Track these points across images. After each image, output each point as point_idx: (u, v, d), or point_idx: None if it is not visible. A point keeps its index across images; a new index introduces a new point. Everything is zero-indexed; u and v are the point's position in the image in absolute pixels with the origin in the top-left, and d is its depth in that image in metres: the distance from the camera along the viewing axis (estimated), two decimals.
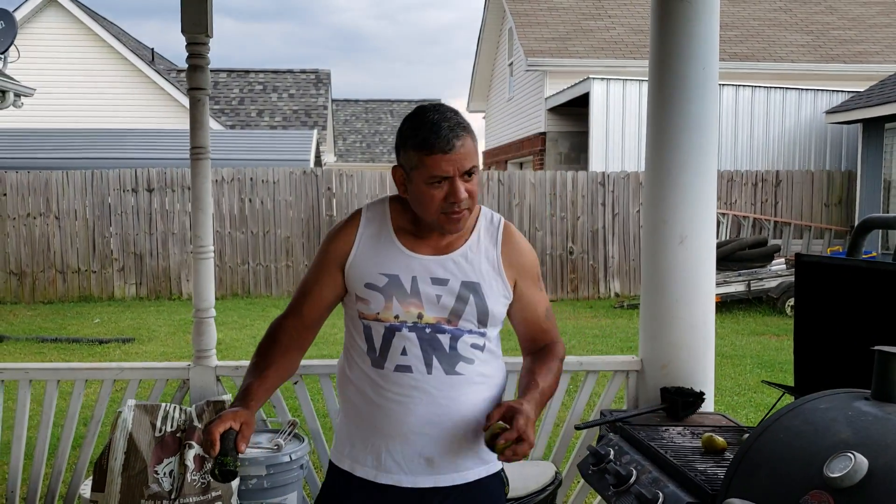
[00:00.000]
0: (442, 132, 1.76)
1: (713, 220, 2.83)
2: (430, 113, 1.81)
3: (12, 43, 10.30)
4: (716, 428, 2.44)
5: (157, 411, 2.62)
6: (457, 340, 1.88)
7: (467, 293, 1.87)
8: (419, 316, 1.86)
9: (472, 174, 1.82)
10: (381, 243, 1.92)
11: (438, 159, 1.77)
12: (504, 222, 2.00)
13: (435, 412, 1.86)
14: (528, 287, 1.98)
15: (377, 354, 1.89)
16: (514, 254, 1.96)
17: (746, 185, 12.62)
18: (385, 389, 1.88)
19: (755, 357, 7.79)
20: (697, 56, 2.71)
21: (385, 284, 1.87)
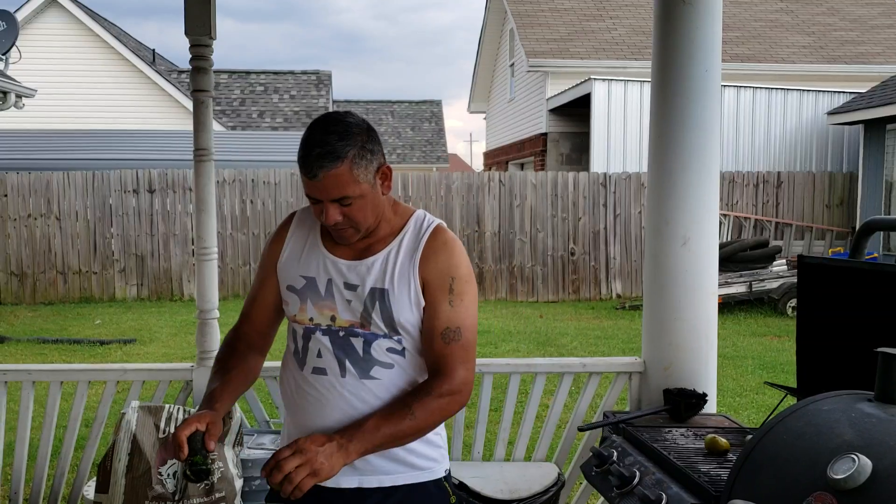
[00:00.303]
0: (309, 159, 1.73)
1: (716, 221, 2.83)
2: (315, 132, 1.76)
3: (14, 44, 10.32)
4: (719, 429, 2.44)
5: (161, 412, 2.63)
6: (370, 345, 1.84)
7: (374, 299, 1.84)
8: (332, 318, 1.86)
9: (346, 203, 1.76)
10: (307, 245, 1.93)
11: (307, 182, 1.76)
12: (435, 229, 1.90)
13: (351, 416, 1.83)
14: (432, 294, 1.84)
15: (299, 356, 1.91)
16: (430, 258, 1.85)
17: (748, 186, 12.62)
18: (305, 391, 1.89)
19: (756, 358, 7.79)
20: (700, 58, 2.72)
21: (302, 287, 1.89)
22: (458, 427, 3.16)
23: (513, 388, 3.15)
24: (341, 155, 1.73)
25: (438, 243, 1.87)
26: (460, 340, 1.84)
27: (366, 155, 1.76)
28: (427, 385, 1.82)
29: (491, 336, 9.03)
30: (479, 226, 12.05)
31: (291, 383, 1.93)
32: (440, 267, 1.85)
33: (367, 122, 1.82)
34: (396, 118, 30.40)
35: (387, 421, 1.74)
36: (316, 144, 1.73)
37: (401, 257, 1.87)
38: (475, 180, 12.16)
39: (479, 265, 12.06)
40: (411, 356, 1.88)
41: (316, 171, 1.72)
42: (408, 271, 1.85)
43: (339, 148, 1.73)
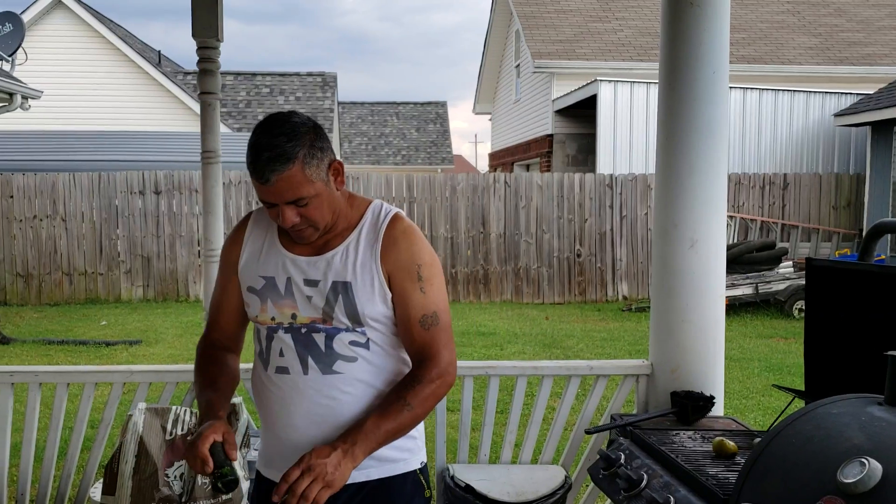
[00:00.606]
0: (259, 163, 1.71)
1: (724, 224, 2.82)
2: (260, 135, 1.74)
3: (20, 45, 10.36)
4: (726, 432, 2.43)
5: (168, 414, 2.63)
6: (332, 339, 1.84)
7: (337, 293, 1.83)
8: (293, 316, 1.85)
9: (302, 203, 1.75)
10: (265, 245, 1.92)
11: (258, 186, 1.74)
12: (393, 217, 1.89)
13: (316, 412, 1.84)
14: (400, 285, 1.84)
15: (264, 356, 1.91)
16: (392, 248, 1.85)
17: (754, 187, 12.59)
18: (270, 391, 1.89)
19: (763, 360, 7.77)
20: (707, 60, 2.71)
21: (262, 287, 1.88)
22: (464, 429, 3.16)
23: (519, 391, 3.14)
24: (292, 156, 1.71)
25: (398, 232, 1.87)
26: (438, 324, 1.86)
27: (316, 153, 1.74)
28: (416, 373, 1.83)
29: (496, 338, 9.02)
30: (485, 227, 12.04)
31: (258, 384, 1.94)
32: (403, 256, 1.85)
33: (312, 119, 1.81)
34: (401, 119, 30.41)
35: (385, 417, 1.74)
36: (264, 148, 1.71)
37: (361, 249, 1.86)
38: (480, 181, 12.15)
39: (485, 266, 12.06)
40: (375, 347, 1.87)
41: (268, 175, 1.70)
42: (370, 263, 1.84)
43: (288, 149, 1.71)
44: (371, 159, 28.28)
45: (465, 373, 3.07)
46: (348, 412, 1.83)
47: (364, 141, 29.31)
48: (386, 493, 1.87)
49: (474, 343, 8.63)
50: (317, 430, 1.84)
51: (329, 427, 1.83)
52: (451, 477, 2.99)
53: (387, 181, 12.14)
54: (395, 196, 12.02)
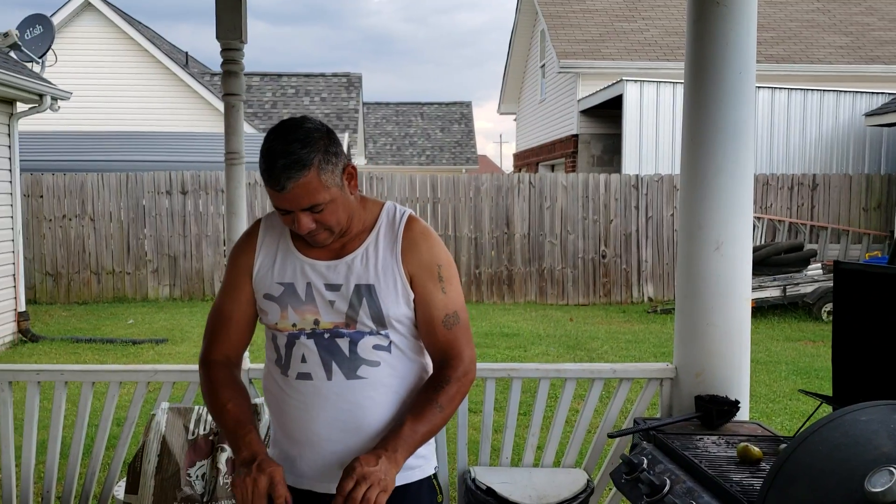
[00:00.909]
0: (274, 171, 1.69)
1: (750, 226, 2.78)
2: (274, 142, 1.72)
3: (50, 47, 10.49)
4: (751, 437, 2.40)
5: (190, 414, 2.64)
6: (356, 344, 1.83)
7: (360, 296, 1.82)
8: (316, 322, 1.84)
9: (318, 209, 1.74)
10: (279, 251, 1.90)
11: (274, 194, 1.73)
12: (409, 217, 1.90)
13: (339, 418, 1.83)
14: (423, 286, 1.86)
15: (282, 363, 1.88)
16: (413, 249, 1.86)
17: (782, 188, 12.44)
18: (290, 397, 1.87)
19: (790, 363, 7.68)
20: (734, 60, 2.67)
21: (281, 294, 1.86)
22: (486, 431, 3.14)
23: (542, 393, 3.12)
24: (307, 163, 1.69)
25: (416, 234, 1.88)
26: (459, 323, 1.88)
27: (331, 159, 1.73)
28: (443, 374, 1.84)
29: (520, 339, 8.99)
30: (509, 227, 12.01)
31: (276, 391, 1.91)
32: (424, 258, 1.86)
33: (325, 124, 1.79)
34: (426, 120, 30.45)
35: (420, 421, 1.75)
36: (279, 155, 1.69)
37: (381, 251, 1.86)
38: (505, 182, 12.13)
39: (509, 267, 12.03)
40: (396, 350, 1.87)
41: (284, 182, 1.68)
42: (391, 264, 1.85)
43: (303, 156, 1.69)
44: (395, 160, 28.35)
45: (486, 375, 3.05)
46: (372, 417, 1.83)
47: (388, 141, 29.38)
48: (404, 499, 1.85)
49: (497, 344, 8.61)
50: (340, 436, 1.83)
51: (352, 433, 1.83)
52: (473, 479, 2.98)
53: (410, 182, 12.15)
54: (419, 197, 12.03)
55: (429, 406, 1.78)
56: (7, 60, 9.05)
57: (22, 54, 10.14)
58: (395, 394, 1.87)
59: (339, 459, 1.84)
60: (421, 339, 1.91)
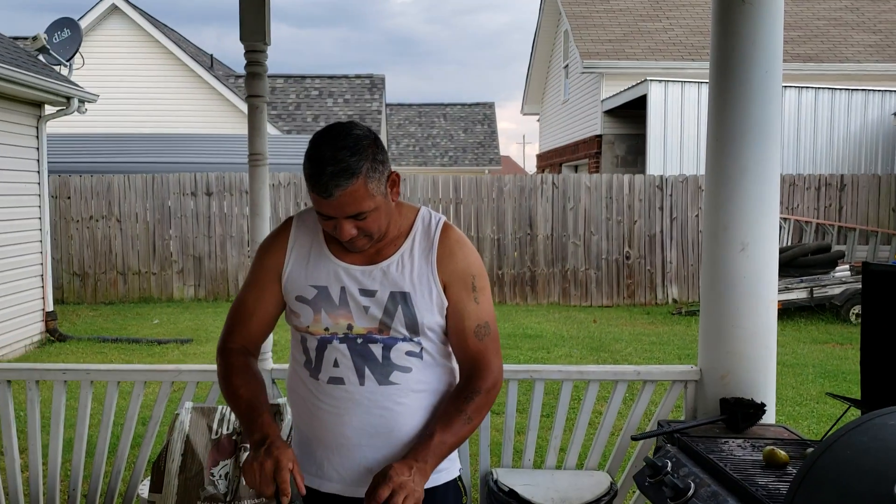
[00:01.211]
0: (323, 178, 1.67)
1: (776, 227, 2.75)
2: (322, 148, 1.70)
3: (77, 50, 10.61)
4: (777, 441, 2.36)
5: (214, 413, 2.66)
6: (390, 350, 1.83)
7: (396, 303, 1.81)
8: (349, 327, 1.83)
9: (362, 217, 1.73)
10: (312, 253, 1.88)
11: (319, 200, 1.70)
12: (444, 225, 1.89)
13: (370, 423, 1.83)
14: (457, 295, 1.86)
15: (312, 366, 1.87)
16: (447, 258, 1.85)
17: (809, 189, 12.29)
18: (321, 401, 1.85)
19: (818, 366, 7.58)
20: (760, 60, 2.64)
21: (314, 297, 1.84)
22: (508, 433, 3.13)
23: (565, 395, 3.10)
24: (356, 171, 1.68)
25: (452, 242, 1.87)
26: (490, 333, 1.89)
27: (378, 167, 1.72)
28: (472, 385, 1.84)
29: (543, 341, 8.96)
30: (532, 228, 11.97)
31: (305, 393, 1.90)
32: (459, 267, 1.86)
33: (372, 131, 1.78)
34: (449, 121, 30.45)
35: (449, 432, 1.76)
36: (328, 162, 1.68)
37: (416, 258, 1.85)
38: (528, 183, 12.09)
39: (532, 268, 11.99)
40: (427, 357, 1.87)
41: (332, 189, 1.67)
42: (427, 272, 1.84)
43: (352, 164, 1.68)
44: (418, 160, 28.38)
45: (509, 376, 3.04)
46: (402, 423, 1.84)
47: (411, 142, 29.42)
48: (432, 502, 1.85)
49: (521, 346, 8.59)
50: (370, 441, 1.84)
51: (383, 438, 1.84)
52: (495, 481, 2.97)
53: (433, 182, 12.15)
54: (442, 197, 12.03)
55: (457, 416, 1.79)
56: (35, 63, 9.18)
57: (50, 57, 10.27)
58: (425, 399, 1.87)
59: (367, 464, 1.84)
60: (450, 347, 1.91)
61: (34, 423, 3.09)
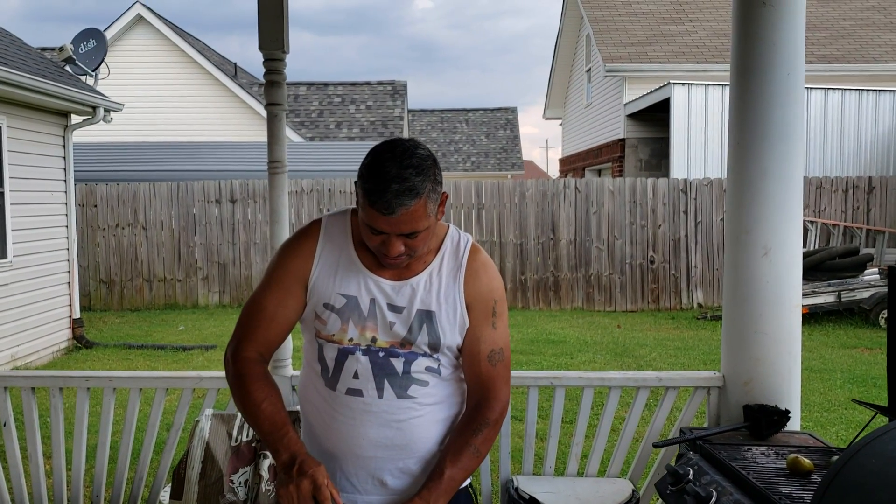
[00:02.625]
0: (387, 195, 1.65)
1: (799, 231, 2.71)
2: (388, 164, 1.68)
3: (103, 60, 10.75)
4: (802, 448, 2.33)
5: (234, 420, 2.66)
6: (410, 364, 1.83)
7: (421, 321, 1.81)
8: (373, 339, 1.81)
9: (413, 236, 1.72)
10: (342, 261, 1.85)
11: (376, 215, 1.68)
12: (472, 246, 1.89)
13: (386, 435, 1.82)
14: (476, 318, 1.86)
15: (329, 375, 1.85)
16: (472, 281, 1.85)
17: (836, 191, 12.14)
18: (336, 412, 1.84)
19: (846, 371, 7.47)
20: (781, 62, 2.61)
21: (343, 306, 1.82)
22: (529, 440, 3.11)
23: (586, 402, 3.08)
24: (420, 191, 1.68)
25: (479, 264, 1.88)
26: (503, 360, 1.89)
27: (437, 188, 1.73)
28: (481, 415, 1.85)
29: (566, 346, 8.91)
30: (555, 233, 11.93)
31: (319, 403, 1.89)
32: (483, 290, 1.86)
33: (431, 151, 1.78)
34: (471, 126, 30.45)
35: (457, 466, 1.78)
36: (393, 180, 1.66)
37: (444, 277, 1.85)
38: (550, 187, 12.05)
39: (555, 273, 11.94)
40: (445, 371, 1.88)
41: (395, 207, 1.66)
42: (453, 293, 1.84)
43: (417, 184, 1.67)
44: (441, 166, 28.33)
45: (530, 383, 3.02)
46: (416, 435, 1.85)
47: (434, 148, 29.43)
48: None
49: (544, 351, 8.55)
50: (385, 453, 1.84)
51: (398, 450, 1.84)
52: (516, 488, 2.95)
53: (455, 187, 12.15)
54: (464, 202, 12.03)
55: (466, 450, 1.80)
56: (62, 74, 9.30)
57: (76, 68, 10.41)
58: (439, 411, 1.88)
59: (381, 475, 1.85)
60: (464, 368, 1.91)
61: (58, 429, 3.12)
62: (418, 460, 1.86)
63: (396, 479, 1.86)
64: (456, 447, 1.81)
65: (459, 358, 1.90)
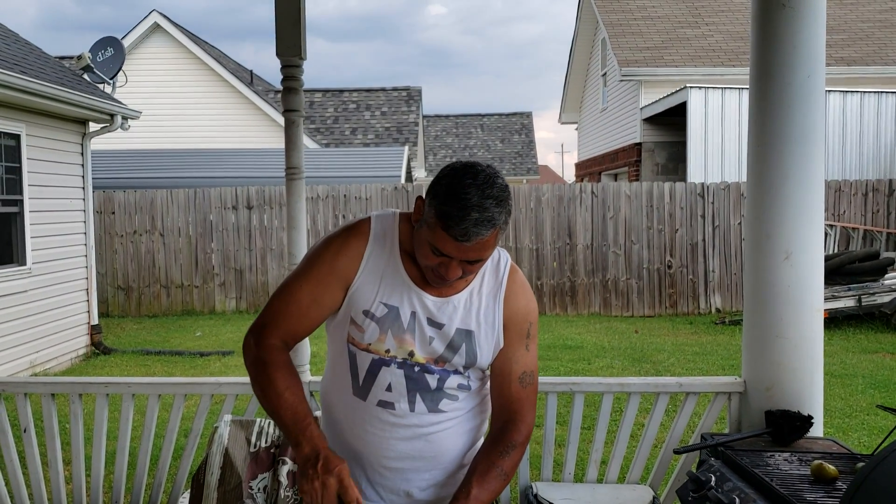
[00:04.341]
0: (465, 223, 1.61)
1: (821, 234, 2.68)
2: (470, 190, 1.62)
3: (120, 68, 10.84)
4: (826, 455, 2.29)
5: (252, 426, 2.66)
6: (444, 381, 1.81)
7: (460, 340, 1.79)
8: (410, 353, 1.78)
9: (476, 262, 1.71)
10: (387, 268, 1.80)
11: (448, 239, 1.64)
12: (511, 266, 1.87)
13: (415, 447, 1.81)
14: (510, 339, 1.84)
15: (360, 384, 1.82)
16: (512, 300, 1.84)
17: (856, 195, 12.02)
18: (365, 421, 1.82)
19: (867, 377, 7.38)
20: (801, 64, 2.58)
21: (384, 315, 1.78)
22: (548, 446, 3.09)
23: (605, 407, 3.05)
24: (497, 223, 1.65)
25: (518, 286, 1.86)
26: (532, 383, 1.87)
27: (508, 219, 1.71)
28: (508, 438, 1.83)
29: (583, 352, 8.87)
30: (571, 238, 11.89)
31: (346, 412, 1.86)
32: (521, 311, 1.85)
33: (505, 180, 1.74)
34: (486, 131, 30.47)
35: (484, 487, 1.75)
36: (473, 208, 1.61)
37: (484, 297, 1.83)
38: (566, 192, 12.02)
39: (571, 278, 11.90)
40: (474, 385, 1.88)
41: (471, 236, 1.63)
42: (493, 313, 1.83)
43: (496, 215, 1.64)
44: None
45: (548, 389, 3.00)
46: (443, 448, 1.84)
47: (449, 153, 29.47)
48: None
49: (560, 357, 8.51)
50: (413, 465, 1.84)
51: (425, 462, 1.84)
52: (535, 495, 2.93)
53: None
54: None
55: (493, 472, 1.77)
56: (80, 82, 9.38)
57: (94, 76, 10.49)
58: (466, 421, 1.88)
59: (407, 487, 1.85)
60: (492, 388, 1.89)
61: (77, 435, 3.13)
62: (443, 471, 1.86)
63: (423, 491, 1.86)
64: (483, 468, 1.78)
65: (486, 370, 1.89)
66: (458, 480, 1.84)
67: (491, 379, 1.88)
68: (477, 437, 1.94)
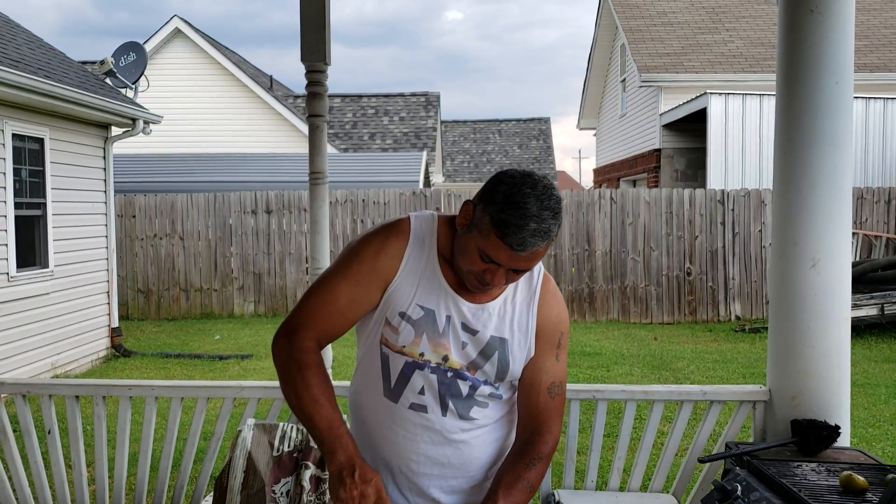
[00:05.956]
0: (523, 233, 1.61)
1: (848, 242, 2.65)
2: (529, 201, 1.62)
3: (142, 73, 10.92)
4: (854, 465, 2.27)
5: (275, 430, 2.66)
6: (476, 389, 1.81)
7: (493, 348, 1.79)
8: (444, 358, 1.77)
9: (523, 272, 1.71)
10: (425, 270, 1.78)
11: (502, 248, 1.63)
12: (544, 274, 1.86)
13: (444, 453, 1.81)
14: (540, 348, 1.83)
15: (391, 386, 1.81)
16: (545, 309, 1.83)
17: (879, 202, 11.91)
18: (396, 424, 1.81)
19: (891, 386, 7.30)
20: (829, 70, 2.56)
21: (420, 318, 1.76)
22: (570, 454, 3.07)
23: (628, 415, 3.03)
24: (552, 235, 1.66)
25: (550, 294, 1.86)
26: (560, 394, 1.86)
27: (559, 231, 1.73)
28: (535, 450, 1.82)
29: (602, 359, 8.83)
30: (590, 244, 11.85)
31: (376, 414, 1.85)
32: (553, 320, 1.84)
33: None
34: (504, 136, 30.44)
35: (509, 499, 1.75)
36: (532, 219, 1.62)
37: (518, 305, 1.82)
38: (585, 198, 11.98)
39: (590, 284, 11.85)
40: (505, 395, 1.87)
41: (527, 246, 1.63)
42: (526, 321, 1.82)
43: (552, 227, 1.65)
44: (473, 176, 28.39)
45: (571, 396, 2.99)
46: (471, 455, 1.84)
47: (466, 159, 29.47)
48: None
49: (579, 364, 8.48)
50: (441, 471, 1.84)
51: (453, 468, 1.84)
52: (557, 503, 2.91)
53: None
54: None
55: (519, 484, 1.77)
56: (103, 87, 9.47)
57: (116, 80, 10.58)
58: (494, 431, 1.88)
59: (433, 493, 1.85)
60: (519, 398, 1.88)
61: (101, 437, 3.14)
62: (469, 479, 1.85)
63: (450, 496, 1.86)
64: (509, 479, 1.78)
65: (516, 381, 1.88)
66: (484, 490, 1.84)
67: (519, 389, 1.87)
68: (504, 448, 1.92)
